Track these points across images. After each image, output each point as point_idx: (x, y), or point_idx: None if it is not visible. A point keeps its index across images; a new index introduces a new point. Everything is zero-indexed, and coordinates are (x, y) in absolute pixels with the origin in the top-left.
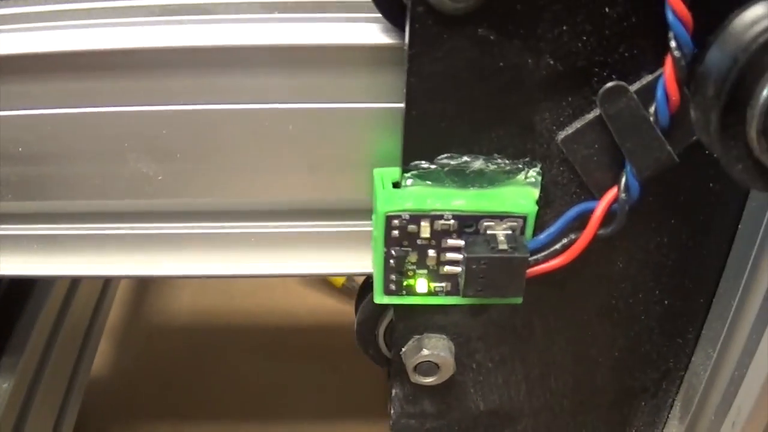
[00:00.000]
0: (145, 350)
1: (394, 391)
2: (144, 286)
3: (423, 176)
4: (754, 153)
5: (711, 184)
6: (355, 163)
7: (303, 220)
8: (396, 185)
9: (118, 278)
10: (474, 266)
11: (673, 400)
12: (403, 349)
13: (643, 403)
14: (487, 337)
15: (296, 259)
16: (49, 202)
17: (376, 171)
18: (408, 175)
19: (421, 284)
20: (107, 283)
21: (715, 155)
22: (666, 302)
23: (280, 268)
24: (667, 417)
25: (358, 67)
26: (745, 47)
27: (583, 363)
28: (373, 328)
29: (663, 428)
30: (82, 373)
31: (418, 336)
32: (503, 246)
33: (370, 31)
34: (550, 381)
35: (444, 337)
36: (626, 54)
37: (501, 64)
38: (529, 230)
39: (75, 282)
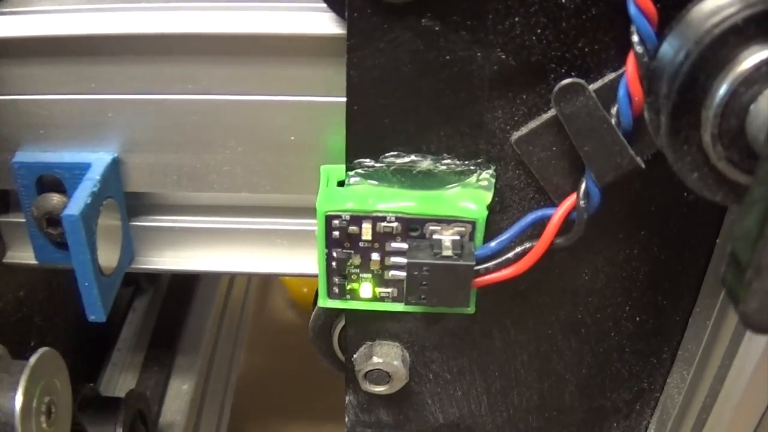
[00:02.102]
0: (276, 347)
1: (348, 399)
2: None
3: (368, 175)
4: (710, 160)
5: (685, 194)
6: (306, 159)
7: (256, 217)
8: (342, 184)
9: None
10: (416, 272)
11: (648, 423)
12: (354, 356)
13: (615, 425)
14: (444, 347)
15: (243, 255)
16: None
17: (323, 168)
18: (352, 173)
19: (366, 289)
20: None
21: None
22: (638, 319)
23: (225, 265)
24: None
25: (307, 58)
26: (698, 40)
27: (549, 379)
28: (328, 332)
29: None
30: (234, 371)
31: (369, 342)
32: (448, 252)
33: (317, 21)
34: (513, 396)
35: (397, 344)
36: (586, 49)
37: (447, 57)
38: (478, 236)
39: (232, 279)
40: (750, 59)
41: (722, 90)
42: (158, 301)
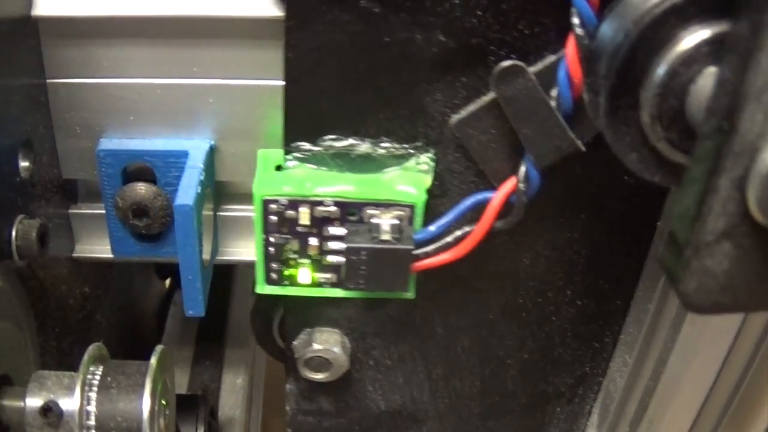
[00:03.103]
0: None
1: (288, 387)
2: None
3: (306, 159)
4: (649, 140)
5: (626, 177)
6: (245, 143)
7: None
8: (280, 168)
9: None
10: (354, 257)
11: (591, 407)
12: (294, 343)
13: (558, 409)
14: (385, 333)
15: None
16: None
17: (260, 152)
18: (290, 157)
19: (304, 274)
20: None
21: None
22: (579, 303)
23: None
24: (585, 425)
25: (252, 41)
26: (637, 20)
27: (491, 364)
28: (268, 320)
29: None
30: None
31: (309, 329)
32: (386, 236)
33: (255, 3)
34: (455, 382)
35: (337, 331)
36: (526, 32)
37: (387, 39)
38: (418, 220)
39: None
40: (689, 39)
41: (661, 70)
42: None
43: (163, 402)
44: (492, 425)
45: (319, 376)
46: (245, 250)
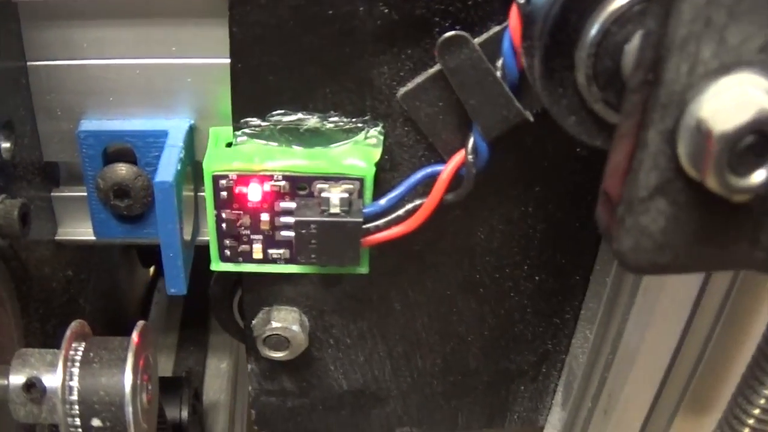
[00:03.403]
0: None
1: (250, 367)
2: None
3: (255, 134)
4: (586, 102)
5: (578, 149)
6: (225, 123)
7: None
8: (231, 145)
9: None
10: (303, 230)
11: (556, 386)
12: (253, 322)
13: (522, 387)
14: (343, 310)
15: None
16: None
17: (212, 130)
18: (239, 133)
19: (257, 250)
20: None
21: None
22: (537, 278)
23: None
24: (551, 403)
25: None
26: None
27: (451, 342)
28: (228, 300)
29: (547, 415)
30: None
31: (267, 308)
32: (335, 210)
33: None
34: (416, 360)
35: (295, 309)
36: (470, 2)
37: (330, 12)
38: (368, 194)
39: None
40: None
41: (594, 30)
42: None
43: (145, 377)
44: (456, 404)
45: (278, 355)
46: None
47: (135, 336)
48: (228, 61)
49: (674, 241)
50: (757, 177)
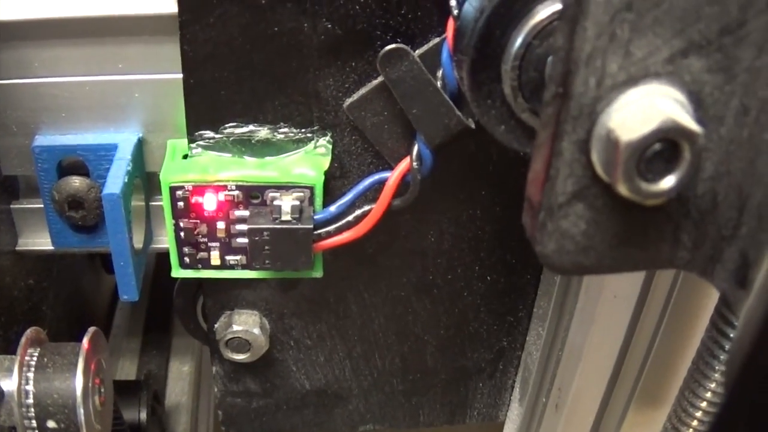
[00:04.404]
0: None
1: (215, 369)
2: None
3: (209, 146)
4: (514, 112)
5: (522, 153)
6: (174, 135)
7: None
8: (186, 157)
9: None
10: (257, 237)
11: (513, 382)
12: (215, 325)
13: (480, 384)
14: (302, 313)
15: None
16: None
17: (170, 142)
18: (194, 145)
19: (215, 257)
20: None
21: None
22: (489, 278)
23: None
24: (509, 399)
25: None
26: None
27: (408, 341)
28: (191, 305)
29: (506, 410)
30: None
31: (228, 311)
32: (287, 217)
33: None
34: (375, 360)
35: (255, 313)
36: (410, 16)
37: (276, 29)
38: (318, 201)
39: None
40: (543, 12)
41: (517, 43)
42: (147, 283)
43: (97, 380)
44: (417, 401)
45: (240, 357)
46: None
47: (85, 342)
48: (174, 76)
49: (596, 243)
50: (667, 183)
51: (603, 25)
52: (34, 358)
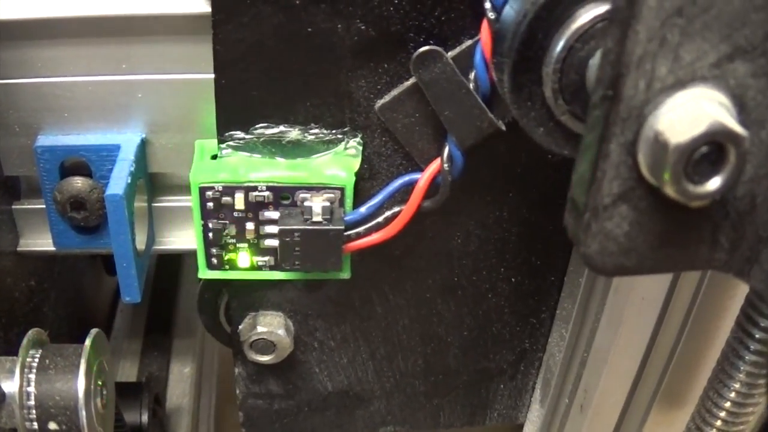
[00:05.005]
0: None
1: (237, 371)
2: None
3: (239, 147)
4: (554, 115)
5: (549, 156)
6: (177, 135)
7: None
8: (216, 157)
9: None
10: (287, 238)
11: (534, 383)
12: (239, 327)
13: (501, 386)
14: (326, 314)
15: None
16: None
17: (198, 142)
18: (224, 146)
19: (243, 258)
20: None
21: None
22: (513, 280)
23: None
24: (530, 400)
25: (178, 37)
26: (534, 0)
27: (432, 343)
28: (215, 306)
29: (527, 412)
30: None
31: (253, 313)
32: (317, 218)
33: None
34: (398, 361)
35: (280, 314)
36: (443, 18)
37: (309, 29)
38: (348, 202)
39: None
40: (584, 16)
41: (559, 47)
42: (148, 285)
43: (99, 382)
44: (438, 403)
45: (264, 359)
46: (182, 239)
47: (88, 343)
48: (177, 76)
49: (638, 244)
50: (712, 184)
51: (654, 30)
52: (36, 360)
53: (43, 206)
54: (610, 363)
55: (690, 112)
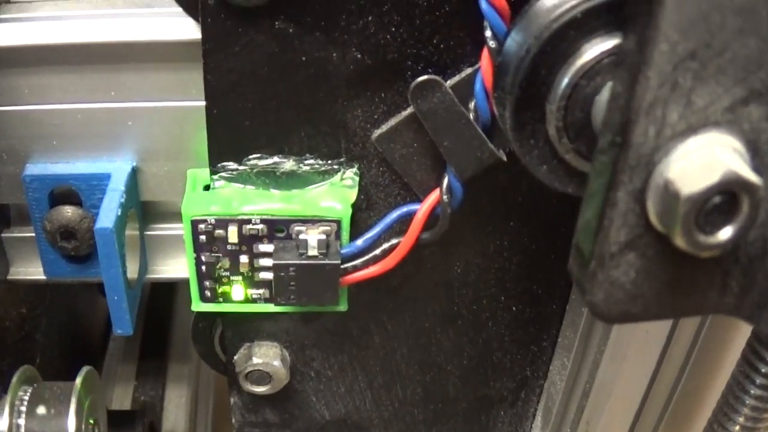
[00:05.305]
0: None
1: (233, 400)
2: None
3: (232, 178)
4: (558, 152)
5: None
6: (168, 163)
7: None
8: (208, 188)
9: None
10: (282, 273)
11: (535, 410)
12: (235, 357)
13: (502, 413)
14: (323, 345)
15: None
16: None
17: (190, 172)
18: (216, 177)
19: (237, 291)
20: None
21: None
22: (514, 309)
23: None
24: (530, 427)
25: (168, 64)
26: (538, 35)
27: (431, 371)
28: (209, 335)
29: None
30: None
31: (249, 343)
32: (313, 252)
33: (174, 27)
34: (396, 390)
35: (276, 345)
36: (442, 46)
37: (303, 58)
38: (345, 234)
39: None
40: (590, 52)
41: (563, 83)
42: (142, 309)
43: (92, 421)
44: (437, 430)
45: (260, 389)
46: (175, 267)
47: (78, 381)
48: (168, 104)
49: (645, 291)
50: (724, 234)
51: (666, 74)
52: (26, 399)
53: (33, 234)
54: (613, 396)
55: (702, 161)
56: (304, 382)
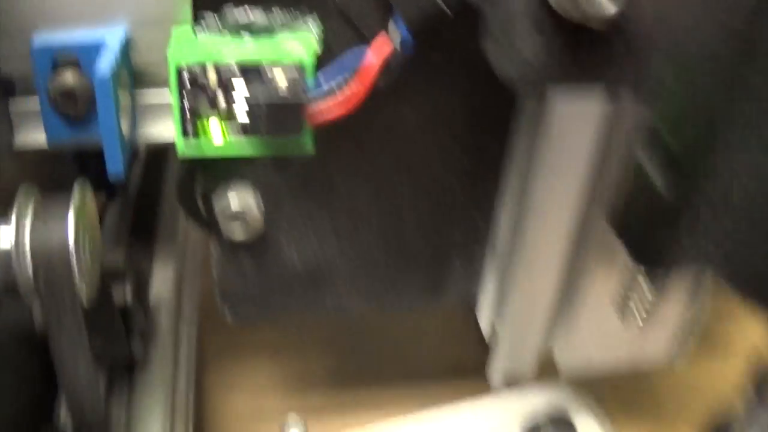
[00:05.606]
0: None
1: (214, 253)
2: None
3: (212, 29)
4: None
5: None
6: (158, 30)
7: None
8: (191, 40)
9: None
10: (256, 112)
11: (484, 256)
12: (214, 207)
13: (458, 264)
14: (294, 192)
15: None
16: None
17: (174, 29)
18: (198, 28)
19: (215, 129)
20: None
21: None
22: (465, 160)
23: None
24: (485, 277)
25: None
26: None
27: (391, 218)
28: (191, 190)
29: (482, 289)
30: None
31: (225, 192)
32: (283, 93)
33: None
34: (360, 238)
35: (251, 192)
36: None
37: None
38: (309, 78)
39: None
40: None
41: None
42: (136, 182)
43: (89, 237)
44: (399, 279)
45: (238, 234)
46: (162, 131)
47: (76, 191)
48: None
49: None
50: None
51: None
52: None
53: (36, 106)
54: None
55: None
56: (278, 232)
